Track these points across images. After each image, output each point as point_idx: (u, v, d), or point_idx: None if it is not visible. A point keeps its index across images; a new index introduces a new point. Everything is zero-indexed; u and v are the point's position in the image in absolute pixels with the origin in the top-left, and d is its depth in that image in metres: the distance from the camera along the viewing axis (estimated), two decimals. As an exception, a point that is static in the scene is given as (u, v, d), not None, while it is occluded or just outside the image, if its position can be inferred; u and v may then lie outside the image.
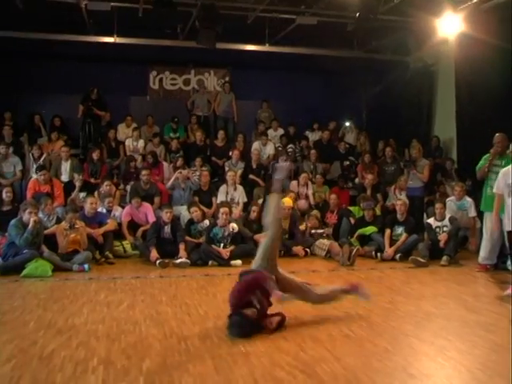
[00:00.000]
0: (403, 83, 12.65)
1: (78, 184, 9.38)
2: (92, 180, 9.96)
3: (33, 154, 10.09)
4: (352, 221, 9.27)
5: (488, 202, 7.52)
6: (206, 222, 8.55)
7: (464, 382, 3.76)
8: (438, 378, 3.76)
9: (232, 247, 8.08)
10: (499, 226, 6.50)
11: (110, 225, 8.40)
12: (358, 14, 9.81)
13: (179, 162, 10.41)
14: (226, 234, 8.16)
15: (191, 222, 8.61)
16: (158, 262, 7.75)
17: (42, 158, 10.01)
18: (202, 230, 8.47)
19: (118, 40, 11.06)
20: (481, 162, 7.64)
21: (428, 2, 9.59)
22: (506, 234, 6.43)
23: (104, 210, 8.72)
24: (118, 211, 8.96)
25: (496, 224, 6.55)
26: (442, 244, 8.21)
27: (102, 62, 12.28)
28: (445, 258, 8.05)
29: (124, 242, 8.58)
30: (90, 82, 11.63)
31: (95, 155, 10.30)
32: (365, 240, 8.83)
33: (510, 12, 9.04)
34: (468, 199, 8.96)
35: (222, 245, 8.07)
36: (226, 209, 8.26)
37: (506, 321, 5.15)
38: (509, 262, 7.33)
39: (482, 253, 7.61)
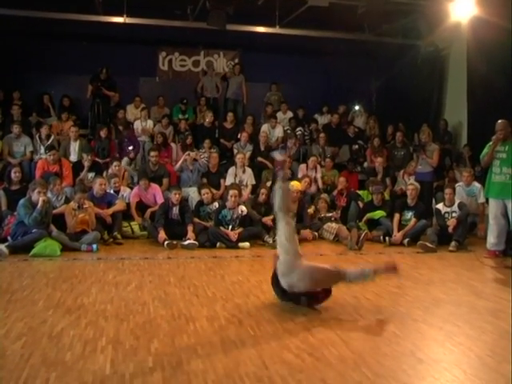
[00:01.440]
0: (414, 67, 12.51)
1: (86, 164, 9.38)
2: (99, 160, 9.91)
3: (40, 135, 10.04)
4: (360, 205, 9.24)
5: (492, 188, 7.49)
6: (216, 205, 8.55)
7: (473, 367, 3.75)
8: (447, 363, 3.76)
9: (240, 229, 8.08)
10: None
11: (119, 205, 8.41)
12: (369, -4, 9.69)
13: (188, 140, 10.40)
14: (235, 216, 8.15)
15: (201, 203, 8.61)
16: (165, 243, 7.76)
17: (50, 139, 9.97)
18: (211, 212, 8.46)
19: (128, 20, 10.96)
20: (485, 149, 7.59)
21: (441, -16, 9.45)
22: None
23: (111, 191, 8.72)
24: (126, 192, 8.95)
25: None
26: (450, 229, 8.18)
27: (112, 43, 12.23)
28: (453, 243, 8.03)
29: (132, 223, 8.59)
30: (99, 63, 11.57)
31: (103, 133, 10.32)
32: (373, 224, 8.80)
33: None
34: (477, 185, 8.92)
35: (230, 227, 8.07)
36: (236, 191, 8.24)
37: (514, 307, 5.15)
38: (517, 248, 7.33)
39: (491, 239, 7.60)
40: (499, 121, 7.44)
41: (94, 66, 11.55)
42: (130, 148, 10.20)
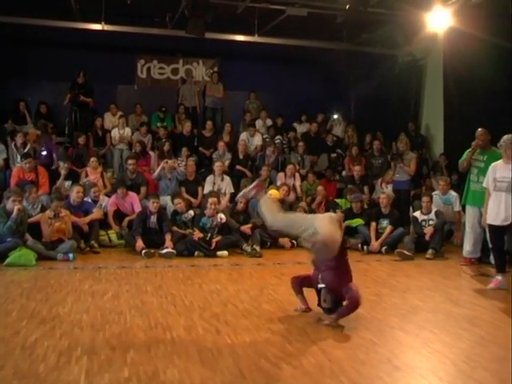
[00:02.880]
0: (392, 77, 12.66)
1: (63, 172, 9.27)
2: (76, 168, 9.81)
3: (15, 143, 9.88)
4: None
5: (469, 196, 7.58)
6: (191, 213, 8.51)
7: (449, 374, 3.77)
8: (423, 370, 3.77)
9: (219, 238, 8.05)
10: (486, 218, 6.38)
11: (96, 214, 8.33)
12: (348, 7, 9.77)
13: (166, 148, 10.35)
14: (214, 224, 8.13)
15: (176, 212, 8.56)
16: (143, 251, 7.70)
17: (27, 148, 9.80)
18: (187, 221, 8.43)
19: (106, 27, 10.92)
20: (463, 155, 7.70)
21: (418, -5, 9.58)
22: (487, 227, 6.43)
23: (90, 200, 8.64)
24: (104, 201, 8.89)
25: (484, 217, 6.45)
26: (427, 237, 8.25)
27: (89, 50, 12.12)
28: (430, 251, 8.10)
29: (109, 232, 8.52)
30: (76, 70, 11.46)
31: (81, 140, 10.23)
32: (351, 232, 8.84)
33: (499, 7, 9.07)
34: (453, 193, 9.01)
35: (209, 235, 8.04)
36: (215, 199, 8.23)
37: (489, 314, 5.21)
38: (492, 256, 7.40)
39: (467, 246, 7.69)
40: (479, 129, 7.55)
41: (72, 73, 11.44)
42: (44, 153, 9.90)
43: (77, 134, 10.68)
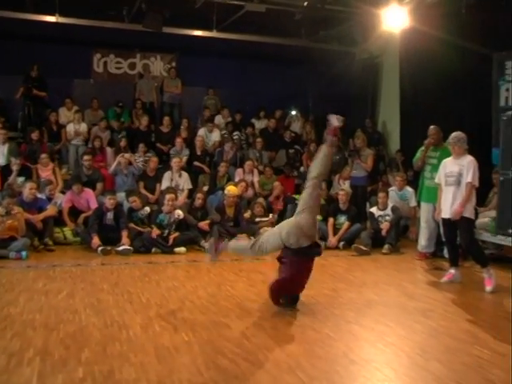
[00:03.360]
0: (349, 74, 12.75)
1: (15, 168, 9.00)
2: (30, 164, 9.56)
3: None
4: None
5: (424, 192, 7.74)
6: (147, 210, 8.43)
7: (403, 366, 3.85)
8: (378, 363, 3.83)
9: (176, 234, 7.99)
10: (438, 212, 6.48)
11: (50, 210, 8.14)
12: (306, 3, 9.82)
13: (122, 143, 10.20)
14: (172, 220, 8.06)
15: (132, 209, 8.45)
16: (99, 249, 7.58)
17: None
18: (143, 218, 8.35)
19: (61, 20, 10.64)
20: (417, 154, 7.84)
21: (375, -6, 9.70)
22: (440, 221, 6.55)
23: (44, 197, 8.44)
24: (59, 198, 8.69)
25: (437, 211, 6.54)
26: (383, 232, 8.38)
27: (44, 42, 11.82)
28: (386, 246, 8.23)
29: (65, 229, 8.34)
30: (29, 63, 11.17)
31: (34, 136, 9.99)
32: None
33: (453, 7, 9.27)
34: (409, 189, 9.18)
35: (166, 231, 7.97)
36: (173, 195, 8.17)
37: (443, 307, 5.33)
38: (445, 250, 7.58)
39: (421, 241, 7.85)
40: (431, 126, 7.70)
41: (25, 67, 11.15)
42: None
43: (30, 129, 10.41)
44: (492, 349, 4.14)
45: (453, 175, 6.22)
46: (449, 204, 6.21)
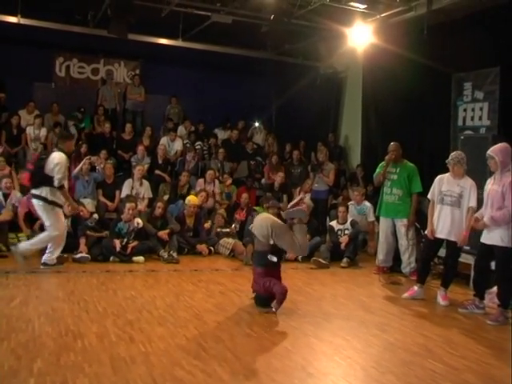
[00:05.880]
0: (313, 88, 12.93)
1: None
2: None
3: None
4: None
5: (383, 207, 7.84)
6: (95, 217, 8.39)
7: (358, 379, 3.88)
8: (335, 375, 3.86)
9: (135, 243, 7.89)
10: (433, 230, 6.33)
11: (4, 215, 7.93)
12: (272, 17, 9.91)
13: (83, 149, 10.03)
14: (131, 229, 7.96)
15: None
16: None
17: None
18: (92, 225, 8.26)
19: (23, 21, 10.42)
20: (377, 169, 7.94)
21: (340, 11, 9.87)
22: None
23: (1, 193, 8.20)
24: (16, 196, 8.42)
25: (430, 229, 6.36)
26: (342, 246, 8.46)
27: (3, 43, 11.54)
28: (345, 260, 8.31)
29: (20, 235, 8.12)
30: (-13, 63, 10.92)
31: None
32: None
33: (415, 26, 9.51)
34: (367, 204, 9.31)
35: (125, 240, 7.86)
36: (133, 204, 8.06)
37: (398, 321, 5.41)
38: (403, 265, 7.71)
39: (380, 256, 7.95)
40: (392, 143, 7.82)
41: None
42: None
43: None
44: (445, 363, 4.23)
45: (452, 195, 6.22)
46: (446, 225, 6.20)
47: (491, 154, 5.60)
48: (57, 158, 6.73)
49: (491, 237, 5.61)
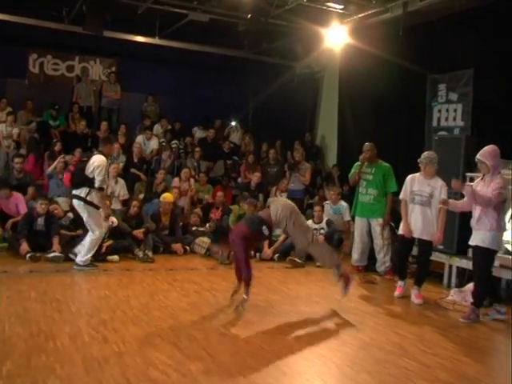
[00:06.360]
0: (290, 88, 12.97)
1: None
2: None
3: None
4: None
5: (358, 207, 7.90)
6: (69, 216, 8.28)
7: (333, 377, 3.89)
8: (310, 374, 3.86)
9: (110, 242, 7.81)
10: (409, 230, 6.39)
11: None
12: (249, 16, 9.91)
13: (57, 147, 9.90)
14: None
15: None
16: (28, 255, 7.29)
17: None
18: (67, 224, 8.17)
19: (-5, 16, 10.29)
20: (352, 169, 7.98)
21: (317, 12, 9.91)
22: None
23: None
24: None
25: (406, 229, 6.40)
26: (317, 245, 8.46)
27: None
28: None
29: (-9, 234, 7.99)
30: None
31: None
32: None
33: (391, 28, 9.60)
34: (343, 204, 9.35)
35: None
36: (107, 202, 7.97)
37: (373, 319, 5.44)
38: (378, 264, 7.77)
39: (354, 255, 8.00)
40: (366, 143, 7.87)
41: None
42: None
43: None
44: (418, 360, 4.26)
45: (423, 195, 6.30)
46: (418, 224, 6.28)
47: (481, 158, 5.58)
48: (97, 160, 6.91)
49: (474, 237, 5.67)
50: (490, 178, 5.56)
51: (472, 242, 5.71)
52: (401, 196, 6.61)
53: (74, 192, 7.02)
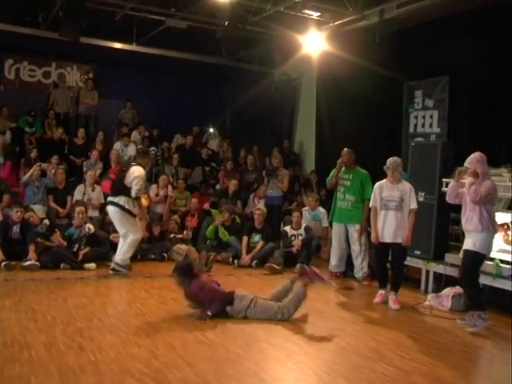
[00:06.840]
0: (268, 94, 13.02)
1: None
2: None
3: None
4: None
5: (336, 213, 7.93)
6: (46, 222, 8.24)
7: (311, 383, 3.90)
8: (287, 381, 3.87)
9: (87, 249, 7.73)
10: (376, 236, 6.45)
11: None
12: (227, 23, 9.93)
13: (33, 154, 9.78)
14: (82, 234, 7.80)
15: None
16: (3, 264, 7.19)
17: None
18: (43, 232, 8.11)
19: (-30, 21, 10.16)
20: (330, 174, 8.01)
21: (294, 19, 9.98)
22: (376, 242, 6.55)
23: None
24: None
25: (374, 235, 6.47)
26: (294, 250, 8.48)
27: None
28: (298, 265, 8.28)
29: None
30: None
31: None
32: (222, 246, 8.89)
33: (368, 35, 9.69)
34: (321, 210, 9.39)
35: (76, 246, 7.69)
36: (82, 208, 7.91)
37: (351, 325, 5.47)
38: (356, 270, 7.80)
39: (332, 261, 8.03)
40: (345, 149, 7.91)
41: None
42: None
43: None
44: (396, 366, 4.29)
45: (393, 200, 6.36)
46: (392, 229, 6.32)
47: (469, 166, 5.60)
48: (137, 171, 7.33)
49: (466, 242, 5.69)
50: (479, 183, 5.57)
51: (464, 246, 5.73)
52: (370, 204, 6.68)
53: (111, 199, 7.36)
